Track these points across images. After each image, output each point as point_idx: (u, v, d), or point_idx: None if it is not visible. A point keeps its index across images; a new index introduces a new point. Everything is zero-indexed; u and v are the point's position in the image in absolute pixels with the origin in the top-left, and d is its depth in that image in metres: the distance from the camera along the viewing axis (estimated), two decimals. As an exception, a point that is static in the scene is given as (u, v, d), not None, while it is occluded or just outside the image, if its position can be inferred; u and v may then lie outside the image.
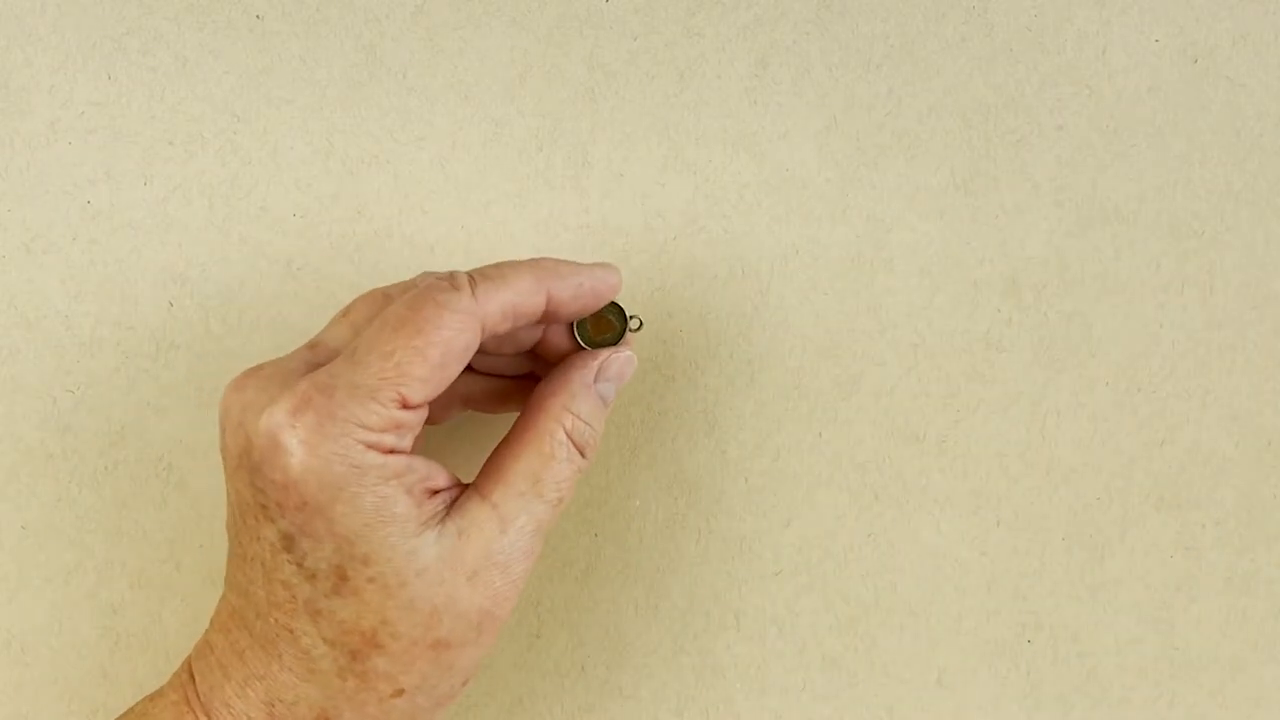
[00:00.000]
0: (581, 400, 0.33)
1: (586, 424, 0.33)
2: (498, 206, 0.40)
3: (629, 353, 0.35)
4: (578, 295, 0.33)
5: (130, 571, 0.39)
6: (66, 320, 0.40)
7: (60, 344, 0.40)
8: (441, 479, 0.32)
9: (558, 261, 0.33)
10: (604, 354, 0.34)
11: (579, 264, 0.34)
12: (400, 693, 0.31)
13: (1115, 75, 0.41)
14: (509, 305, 0.32)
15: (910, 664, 0.39)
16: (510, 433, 0.33)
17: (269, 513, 0.30)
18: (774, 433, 0.40)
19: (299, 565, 0.30)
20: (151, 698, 0.33)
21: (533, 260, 0.33)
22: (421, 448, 0.32)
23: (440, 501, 0.31)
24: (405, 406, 0.30)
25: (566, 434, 0.33)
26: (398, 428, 0.30)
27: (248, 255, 0.40)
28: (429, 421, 0.32)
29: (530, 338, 0.35)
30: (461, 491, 0.32)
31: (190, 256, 0.40)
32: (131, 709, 0.34)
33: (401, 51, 0.41)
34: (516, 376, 0.37)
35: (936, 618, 0.39)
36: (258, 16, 0.41)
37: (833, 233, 0.40)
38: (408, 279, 0.34)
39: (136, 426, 0.40)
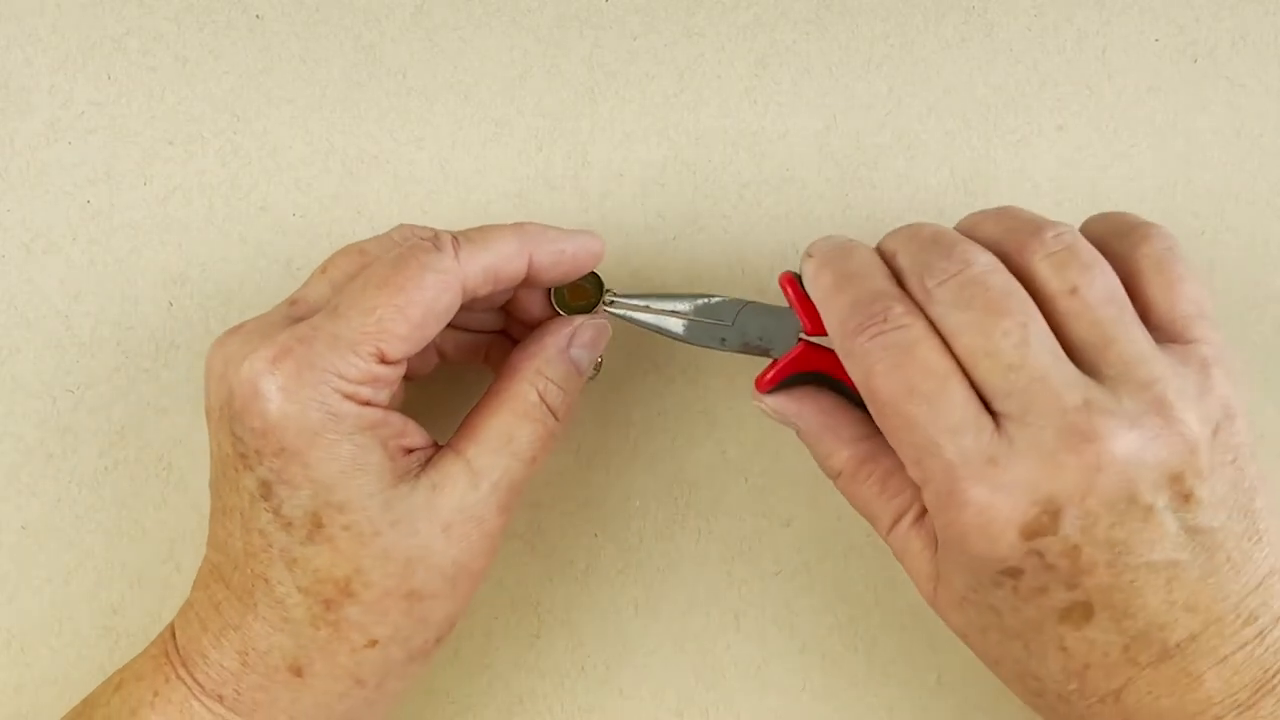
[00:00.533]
0: (555, 365, 0.34)
1: (559, 388, 0.34)
2: (498, 206, 0.40)
3: (603, 320, 0.35)
4: (559, 262, 0.34)
5: (130, 571, 0.39)
6: (66, 320, 0.40)
7: (60, 344, 0.40)
8: (418, 438, 0.32)
9: (542, 226, 0.34)
10: (578, 320, 0.35)
11: (563, 230, 0.34)
12: (373, 643, 0.32)
13: (1115, 75, 0.41)
14: (491, 268, 0.32)
15: (910, 664, 0.39)
16: (485, 394, 0.34)
17: (248, 461, 0.30)
18: (774, 432, 0.40)
19: (275, 513, 0.31)
20: (136, 657, 0.34)
21: (516, 224, 0.34)
22: (404, 409, 0.32)
23: (415, 460, 0.32)
24: (384, 362, 0.31)
25: (540, 395, 0.33)
26: (374, 381, 0.31)
27: (248, 255, 0.40)
28: (405, 376, 0.33)
29: (504, 295, 0.36)
30: (436, 451, 0.33)
31: (190, 256, 0.40)
32: (118, 669, 0.34)
33: (401, 51, 0.41)
34: (488, 331, 0.37)
35: (936, 618, 0.39)
36: (258, 16, 0.41)
37: (832, 233, 0.40)
38: (384, 233, 0.34)
39: (136, 426, 0.40)
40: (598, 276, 0.36)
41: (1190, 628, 0.29)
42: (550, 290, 0.35)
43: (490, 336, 0.37)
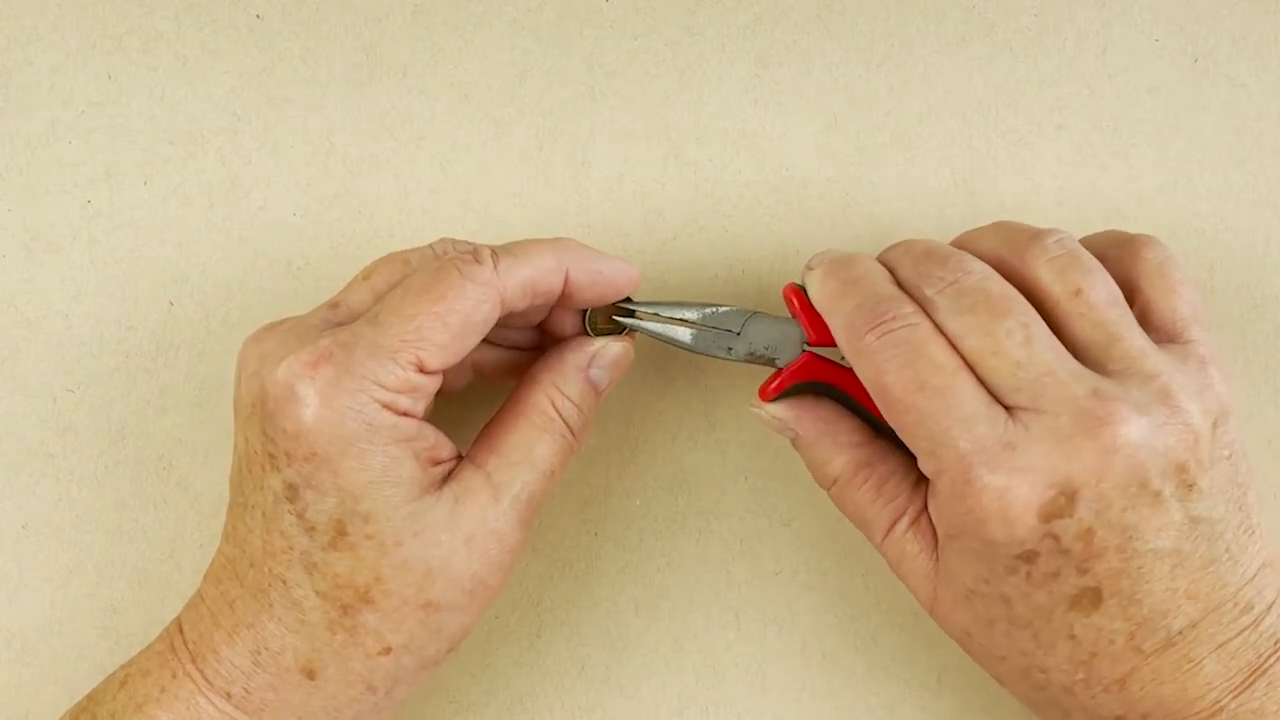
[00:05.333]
0: (571, 381, 0.34)
1: (575, 405, 0.34)
2: (498, 206, 0.40)
3: (626, 344, 0.35)
4: (595, 282, 0.34)
5: (130, 571, 0.39)
6: (66, 320, 0.40)
7: (60, 344, 0.40)
8: (446, 450, 0.33)
9: (580, 245, 0.34)
10: (600, 341, 0.35)
11: (600, 252, 0.34)
12: (387, 651, 0.32)
13: (1115, 75, 0.41)
14: (529, 282, 0.33)
15: (910, 664, 0.39)
16: (503, 407, 0.34)
17: (276, 462, 0.31)
18: (774, 433, 0.40)
19: (299, 516, 0.31)
20: (141, 652, 0.34)
21: (556, 239, 0.34)
22: (432, 419, 0.33)
23: (440, 472, 0.32)
24: (422, 370, 0.31)
25: (556, 410, 0.34)
26: (413, 390, 0.31)
27: (248, 255, 0.40)
28: (439, 390, 0.33)
29: (540, 312, 0.36)
30: (458, 462, 0.33)
31: (190, 256, 0.40)
32: (123, 665, 0.34)
33: (401, 51, 0.41)
34: (525, 349, 0.38)
35: (936, 618, 0.39)
36: (258, 16, 0.41)
37: (833, 233, 0.40)
38: (425, 245, 0.35)
39: (136, 426, 0.40)
40: (631, 304, 0.36)
41: (1191, 615, 0.30)
42: (585, 312, 0.36)
43: (526, 355, 0.37)
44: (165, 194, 0.40)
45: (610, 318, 0.36)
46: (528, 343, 0.37)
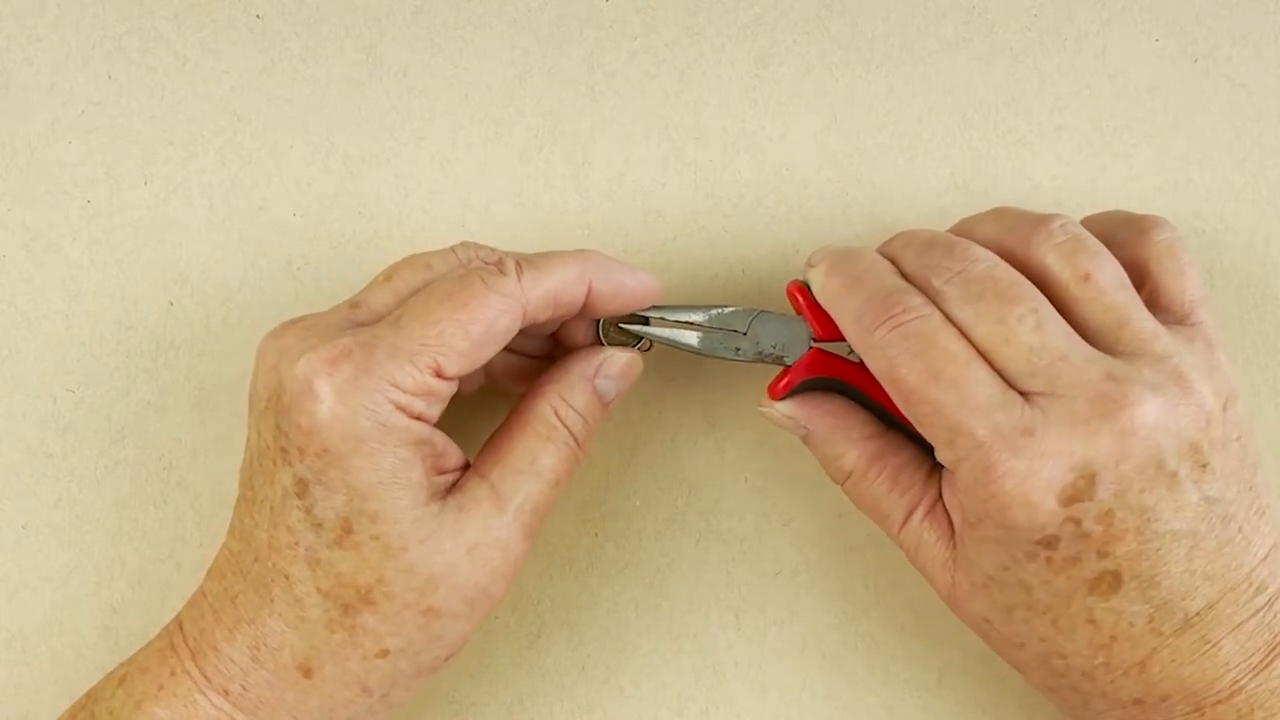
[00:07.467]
0: (577, 391, 0.34)
1: (579, 414, 0.34)
2: (498, 206, 0.40)
3: (634, 355, 0.35)
4: (618, 294, 0.34)
5: (130, 571, 0.39)
6: (66, 320, 0.40)
7: (60, 344, 0.40)
8: (454, 459, 0.33)
9: (603, 256, 0.34)
10: (608, 351, 0.35)
11: (623, 263, 0.34)
12: (385, 654, 0.32)
13: (1115, 75, 0.41)
14: (551, 294, 0.33)
15: (910, 664, 0.39)
16: (508, 416, 0.34)
17: (288, 456, 0.31)
18: (774, 432, 0.40)
19: (307, 512, 0.31)
20: (140, 650, 0.34)
21: (579, 251, 0.34)
22: (440, 427, 0.33)
23: (447, 480, 0.32)
24: (439, 376, 0.31)
25: (560, 419, 0.34)
26: (428, 394, 0.31)
27: (248, 255, 0.40)
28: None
29: (557, 322, 0.36)
30: (464, 472, 0.33)
31: (190, 256, 0.40)
32: (121, 663, 0.34)
33: (401, 51, 0.41)
34: (537, 356, 0.38)
35: (936, 618, 0.39)
36: (258, 16, 0.41)
37: (833, 233, 0.40)
38: (446, 248, 0.34)
39: (136, 426, 0.40)
40: (644, 319, 0.36)
41: (1209, 596, 0.30)
42: (599, 321, 0.36)
43: (538, 361, 0.37)
44: (165, 194, 0.40)
45: (621, 328, 0.36)
46: (541, 350, 0.37)
